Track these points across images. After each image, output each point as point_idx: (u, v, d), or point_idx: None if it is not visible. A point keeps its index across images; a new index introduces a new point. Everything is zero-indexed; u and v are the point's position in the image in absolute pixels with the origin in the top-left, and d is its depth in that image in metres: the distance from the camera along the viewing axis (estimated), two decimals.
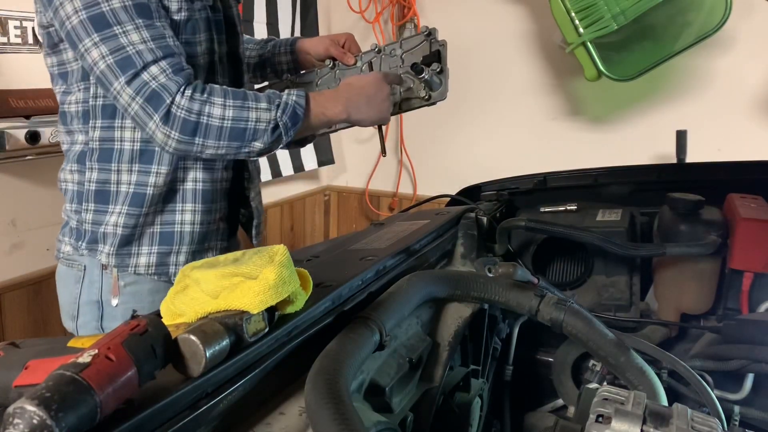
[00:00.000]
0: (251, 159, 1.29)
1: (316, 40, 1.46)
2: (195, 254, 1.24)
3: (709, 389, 0.83)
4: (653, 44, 2.18)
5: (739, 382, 1.07)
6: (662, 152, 2.29)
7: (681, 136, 1.81)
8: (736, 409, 1.03)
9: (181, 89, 1.03)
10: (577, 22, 2.15)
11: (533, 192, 1.50)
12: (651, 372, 0.79)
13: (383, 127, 1.35)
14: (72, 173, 1.22)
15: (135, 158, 1.16)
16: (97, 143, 1.16)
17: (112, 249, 1.18)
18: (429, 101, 1.31)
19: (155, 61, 1.02)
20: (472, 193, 1.56)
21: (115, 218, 1.17)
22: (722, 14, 2.07)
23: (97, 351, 0.45)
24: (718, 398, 0.86)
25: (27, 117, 1.75)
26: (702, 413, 0.58)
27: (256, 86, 1.58)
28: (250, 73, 1.56)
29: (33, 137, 1.74)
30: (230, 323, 0.57)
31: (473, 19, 2.83)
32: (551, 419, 0.67)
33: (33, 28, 1.79)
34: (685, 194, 1.23)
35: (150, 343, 0.49)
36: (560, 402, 1.25)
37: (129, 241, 1.19)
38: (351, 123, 1.22)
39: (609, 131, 2.63)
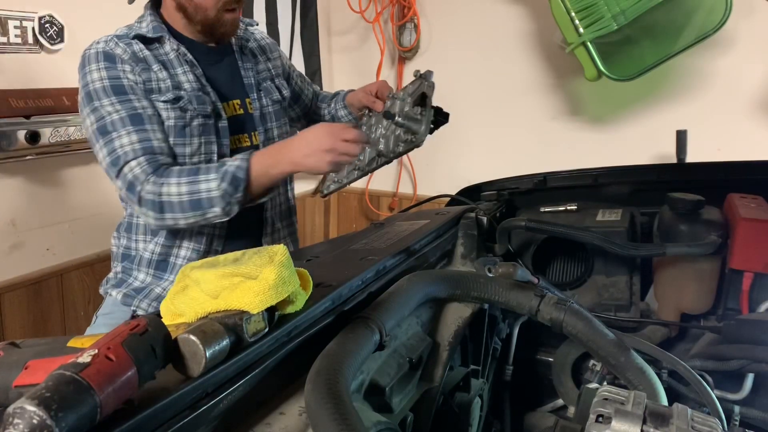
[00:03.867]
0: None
1: (351, 95, 1.63)
2: None
3: (709, 389, 0.83)
4: (653, 44, 2.18)
5: (739, 382, 1.07)
6: (662, 152, 2.29)
7: (681, 136, 1.81)
8: (736, 409, 1.03)
9: (148, 177, 1.21)
10: (577, 22, 2.15)
11: (533, 192, 1.50)
12: (651, 372, 0.79)
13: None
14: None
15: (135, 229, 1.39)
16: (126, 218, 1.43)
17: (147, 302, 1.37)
18: (413, 143, 1.30)
19: (135, 158, 1.21)
20: (472, 193, 1.57)
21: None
22: (722, 14, 2.07)
23: (97, 351, 0.45)
24: (718, 398, 0.86)
25: (27, 117, 1.75)
26: (702, 413, 0.58)
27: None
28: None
29: (33, 137, 1.74)
30: (230, 323, 0.57)
31: (473, 19, 2.83)
32: (551, 419, 0.67)
33: (33, 28, 1.79)
34: (685, 194, 1.23)
35: (150, 343, 0.49)
36: (560, 402, 1.25)
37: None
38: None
39: (609, 131, 2.63)
